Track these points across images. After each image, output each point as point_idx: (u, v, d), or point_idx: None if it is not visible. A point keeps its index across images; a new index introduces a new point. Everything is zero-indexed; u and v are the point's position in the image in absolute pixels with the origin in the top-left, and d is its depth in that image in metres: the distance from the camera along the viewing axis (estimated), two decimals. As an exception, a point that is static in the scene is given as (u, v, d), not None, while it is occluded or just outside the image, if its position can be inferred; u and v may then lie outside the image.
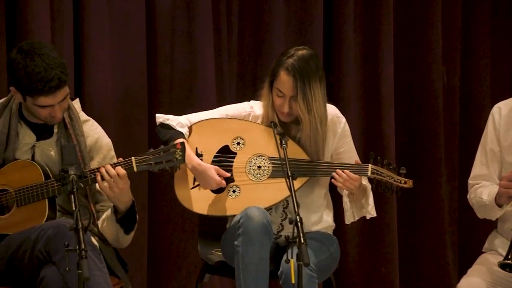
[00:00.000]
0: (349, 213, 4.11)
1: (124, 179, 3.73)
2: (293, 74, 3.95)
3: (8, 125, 3.86)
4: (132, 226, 3.87)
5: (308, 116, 3.99)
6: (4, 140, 3.84)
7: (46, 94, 3.72)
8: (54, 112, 3.79)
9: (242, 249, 3.85)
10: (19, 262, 3.65)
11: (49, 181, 3.77)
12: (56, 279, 3.55)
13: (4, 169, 3.82)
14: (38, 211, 3.77)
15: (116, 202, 3.79)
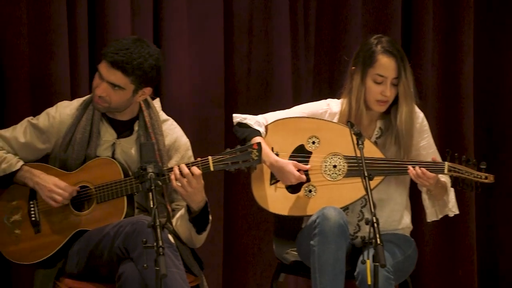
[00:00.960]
0: (430, 211, 4.08)
1: (197, 178, 3.75)
2: (394, 55, 3.96)
3: (91, 122, 3.92)
4: (204, 226, 3.89)
5: (404, 102, 3.97)
6: (87, 137, 3.90)
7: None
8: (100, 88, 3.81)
9: (318, 249, 3.84)
10: (98, 258, 3.71)
11: (128, 179, 3.82)
12: (134, 275, 3.59)
13: (86, 166, 3.88)
14: (117, 208, 3.82)
15: (189, 201, 3.81)
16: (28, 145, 3.92)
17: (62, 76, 4.55)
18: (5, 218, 3.90)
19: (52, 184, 3.82)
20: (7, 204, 3.90)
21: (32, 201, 3.88)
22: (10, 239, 3.88)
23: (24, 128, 3.94)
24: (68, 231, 3.83)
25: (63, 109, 3.98)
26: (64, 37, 4.53)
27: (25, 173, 3.86)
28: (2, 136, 3.93)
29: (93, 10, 4.68)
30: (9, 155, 3.88)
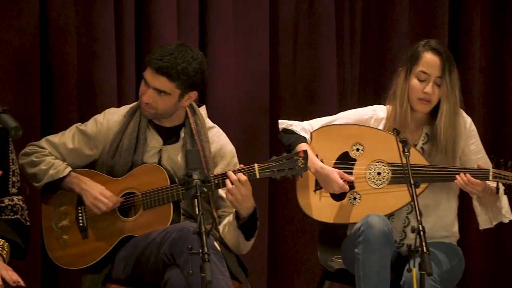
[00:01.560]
0: (483, 218, 4.04)
1: (246, 185, 3.76)
2: (439, 53, 3.96)
3: (138, 129, 3.95)
4: (252, 232, 3.90)
5: (446, 104, 3.95)
6: (134, 143, 3.93)
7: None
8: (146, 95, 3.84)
9: (363, 257, 3.82)
10: (144, 264, 3.73)
11: (174, 185, 3.84)
12: (180, 281, 3.60)
13: (132, 172, 3.91)
14: (163, 215, 3.84)
15: (238, 208, 3.82)
16: (76, 151, 3.96)
17: (109, 83, 4.60)
18: (53, 223, 3.94)
19: (98, 192, 3.85)
20: (55, 209, 3.95)
21: (80, 207, 3.92)
22: (58, 244, 3.92)
23: (73, 134, 3.98)
24: (115, 237, 3.86)
25: (110, 116, 4.01)
26: (111, 45, 4.58)
27: (73, 179, 3.90)
28: (51, 142, 3.97)
29: (140, 18, 4.72)
30: (57, 161, 3.93)
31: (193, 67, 3.84)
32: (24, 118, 4.38)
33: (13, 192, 3.55)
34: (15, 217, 3.52)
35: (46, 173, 3.88)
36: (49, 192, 3.96)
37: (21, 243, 3.50)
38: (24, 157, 3.92)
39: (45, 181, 3.88)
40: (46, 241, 3.94)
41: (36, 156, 3.91)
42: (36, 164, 3.90)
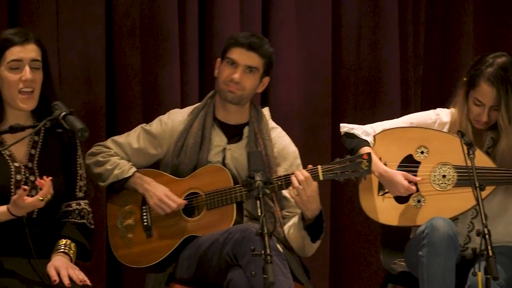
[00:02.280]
0: None
1: (312, 186, 3.75)
2: (496, 85, 3.87)
3: (203, 127, 3.98)
4: (318, 234, 3.89)
5: (509, 126, 3.90)
6: (199, 142, 3.96)
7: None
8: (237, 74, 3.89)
9: (427, 260, 3.79)
10: (207, 263, 3.75)
11: (237, 186, 3.86)
12: (243, 282, 3.61)
13: (196, 172, 3.94)
14: (226, 215, 3.85)
15: (304, 209, 3.81)
16: (141, 150, 4.00)
17: (172, 84, 4.64)
18: (118, 222, 3.98)
19: (163, 194, 3.88)
20: (120, 208, 3.99)
21: (144, 207, 3.96)
22: (123, 242, 3.96)
23: (138, 134, 4.02)
24: (179, 237, 3.89)
25: (175, 116, 4.05)
26: (175, 47, 4.62)
27: (137, 180, 3.94)
28: (117, 142, 4.02)
29: (203, 21, 4.75)
30: (122, 161, 3.97)
31: (272, 50, 3.99)
32: (90, 120, 4.45)
33: (79, 196, 3.60)
34: (81, 221, 3.57)
35: (112, 173, 3.93)
36: (114, 191, 4.00)
37: (87, 244, 3.55)
38: (90, 157, 3.97)
39: (110, 181, 3.93)
40: (111, 239, 3.99)
41: (102, 156, 3.96)
42: (101, 164, 3.95)
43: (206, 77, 4.74)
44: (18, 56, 3.40)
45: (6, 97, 3.44)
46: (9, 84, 3.41)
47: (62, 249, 3.46)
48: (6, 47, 3.40)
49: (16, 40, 3.41)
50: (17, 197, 3.27)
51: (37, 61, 3.44)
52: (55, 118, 3.32)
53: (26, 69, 3.40)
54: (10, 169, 3.43)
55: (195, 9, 4.69)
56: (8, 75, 3.41)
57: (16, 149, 3.46)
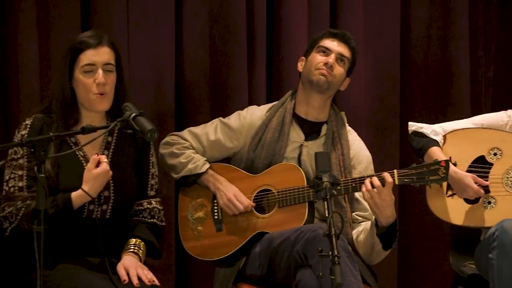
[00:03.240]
0: None
1: (387, 190, 3.73)
2: None
3: (282, 123, 3.99)
4: (391, 243, 3.85)
5: None
6: (276, 137, 3.97)
7: None
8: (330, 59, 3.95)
9: (497, 263, 3.73)
10: (277, 261, 3.74)
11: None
12: (312, 282, 3.60)
13: (270, 170, 3.94)
14: (297, 214, 3.85)
15: (378, 215, 3.77)
16: (218, 142, 4.02)
17: (240, 86, 4.66)
18: (189, 214, 4.01)
19: (232, 194, 3.90)
20: (192, 201, 4.02)
21: (215, 200, 3.98)
22: (193, 234, 3.99)
23: (215, 126, 4.05)
24: (249, 232, 3.90)
25: (253, 111, 4.08)
26: (243, 48, 4.63)
27: (209, 177, 3.96)
28: (193, 133, 4.05)
29: (271, 22, 4.76)
30: (197, 156, 3.99)
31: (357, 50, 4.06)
32: (159, 121, 4.49)
33: (151, 194, 3.64)
34: (152, 220, 3.60)
35: (185, 166, 3.95)
36: (185, 184, 4.02)
37: (156, 243, 3.58)
38: (166, 146, 4.01)
39: (182, 174, 3.96)
40: (181, 231, 4.01)
41: (177, 148, 3.99)
42: (176, 156, 3.98)
43: (274, 78, 4.75)
44: (91, 59, 3.45)
45: (81, 99, 3.49)
46: (84, 87, 3.46)
47: (131, 249, 3.50)
48: (80, 51, 3.45)
49: (90, 43, 3.46)
50: (87, 171, 3.33)
51: (110, 64, 3.48)
52: (125, 119, 3.36)
53: (99, 72, 3.45)
54: (83, 170, 3.48)
55: (263, 11, 4.70)
56: (83, 78, 3.46)
57: (89, 150, 3.51)
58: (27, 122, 3.47)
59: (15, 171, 3.41)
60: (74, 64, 3.46)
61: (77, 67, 3.46)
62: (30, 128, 3.45)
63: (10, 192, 3.39)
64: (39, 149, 3.09)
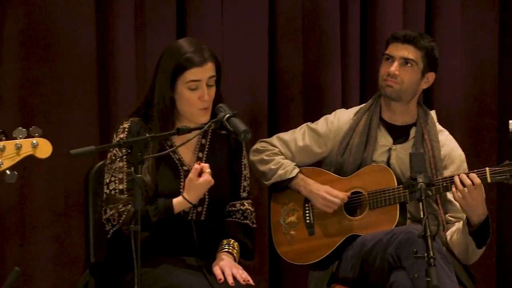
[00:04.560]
0: None
1: (478, 189, 3.67)
2: None
3: (368, 127, 3.97)
4: (484, 241, 3.79)
5: None
6: (364, 141, 3.96)
7: None
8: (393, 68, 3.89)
9: None
10: (370, 263, 3.73)
11: (400, 187, 3.82)
12: (406, 284, 3.57)
13: (359, 172, 3.93)
14: (389, 216, 3.82)
15: (469, 214, 3.72)
16: (306, 148, 4.03)
17: (333, 86, 4.65)
18: (281, 219, 4.03)
19: (324, 192, 3.90)
20: (283, 206, 4.04)
21: (307, 204, 3.99)
22: (286, 239, 4.00)
23: (303, 132, 4.05)
24: (341, 235, 3.89)
25: (341, 115, 4.06)
26: (336, 47, 4.63)
27: (300, 181, 3.97)
28: (282, 139, 4.07)
29: (365, 23, 4.74)
30: (286, 161, 4.01)
31: (433, 45, 3.94)
32: (253, 121, 4.52)
33: (243, 196, 3.66)
34: (244, 221, 3.63)
35: (275, 172, 3.98)
36: (277, 190, 4.04)
37: (250, 244, 3.60)
38: (255, 153, 4.03)
39: (273, 181, 3.98)
40: (274, 236, 4.03)
41: (267, 155, 4.02)
42: (266, 163, 4.00)
43: (368, 78, 4.73)
44: (197, 77, 3.46)
45: (182, 111, 3.51)
46: (188, 102, 3.48)
47: (226, 249, 3.53)
48: (186, 68, 3.46)
49: (195, 61, 3.45)
50: (189, 179, 3.37)
51: (213, 77, 3.51)
52: (219, 120, 3.38)
53: (204, 89, 3.46)
54: (179, 173, 3.53)
55: (357, 10, 4.69)
56: (187, 94, 3.48)
57: (184, 153, 3.55)
58: (125, 126, 3.53)
59: (115, 174, 3.47)
60: (178, 79, 3.48)
61: (182, 82, 3.47)
62: (128, 132, 3.51)
63: (111, 195, 3.45)
64: (136, 150, 3.15)
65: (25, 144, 3.19)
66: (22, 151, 3.20)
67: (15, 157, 3.19)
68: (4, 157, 3.19)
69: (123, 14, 4.35)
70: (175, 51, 3.48)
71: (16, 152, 3.19)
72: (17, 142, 3.19)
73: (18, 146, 3.18)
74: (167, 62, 3.48)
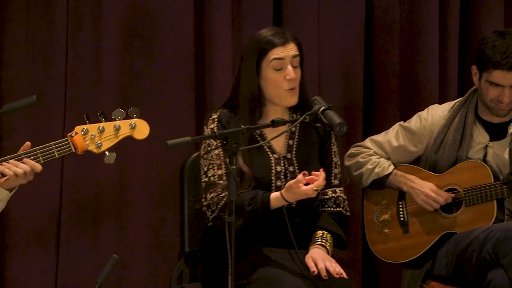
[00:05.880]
0: None
1: None
2: None
3: (463, 124, 3.91)
4: None
5: None
6: (459, 138, 3.89)
7: (502, 68, 3.69)
8: (502, 95, 3.74)
9: None
10: (466, 261, 3.67)
11: (498, 183, 3.75)
12: (504, 283, 3.51)
13: (454, 168, 3.87)
14: (486, 213, 3.75)
15: None
16: (401, 148, 3.99)
17: (430, 80, 4.59)
18: (375, 217, 4.00)
19: (428, 189, 3.85)
20: (377, 204, 4.01)
21: (400, 202, 3.95)
22: (380, 237, 3.97)
23: (396, 132, 4.01)
24: (436, 233, 3.84)
25: (435, 111, 4.00)
26: (434, 41, 4.56)
27: (399, 178, 3.93)
28: (375, 141, 4.03)
29: (465, 16, 4.66)
30: (382, 160, 3.98)
31: None
32: (348, 114, 4.50)
33: (335, 183, 3.65)
34: (337, 209, 3.61)
35: (372, 171, 3.94)
36: (370, 187, 4.01)
37: (343, 235, 3.59)
38: (350, 158, 4.01)
39: (371, 180, 3.95)
40: (368, 234, 4.01)
41: (362, 157, 3.99)
42: (362, 165, 3.97)
43: (466, 73, 4.64)
44: (280, 56, 3.49)
45: (270, 95, 3.54)
46: (274, 83, 3.51)
47: (319, 242, 3.52)
48: (268, 49, 3.50)
49: (276, 41, 3.50)
50: (294, 182, 3.36)
51: (297, 57, 3.52)
52: (314, 112, 3.38)
53: (289, 68, 3.50)
54: (270, 161, 3.54)
55: (457, 2, 4.60)
56: (273, 75, 3.51)
57: (275, 141, 3.56)
58: (214, 116, 3.56)
59: (213, 161, 3.51)
60: (262, 63, 3.51)
61: (266, 64, 3.51)
62: (217, 122, 3.54)
63: (210, 182, 3.48)
64: (231, 141, 3.17)
65: (124, 125, 3.25)
66: (121, 133, 3.26)
67: (113, 139, 3.26)
68: (103, 138, 3.25)
69: (220, 5, 4.39)
70: (256, 38, 3.54)
71: (114, 134, 3.25)
72: (116, 124, 3.25)
73: (117, 128, 3.24)
74: (249, 49, 3.53)
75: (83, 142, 3.24)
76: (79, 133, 3.24)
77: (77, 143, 3.24)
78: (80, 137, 3.24)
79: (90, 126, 3.24)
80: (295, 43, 3.53)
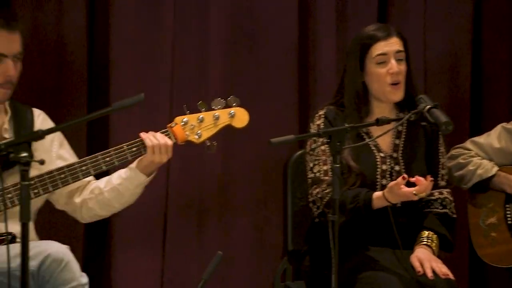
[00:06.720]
0: None
1: None
2: None
3: None
4: None
5: None
6: None
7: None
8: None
9: None
10: None
11: None
12: None
13: None
14: None
15: None
16: (503, 150, 3.91)
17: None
18: (480, 220, 3.92)
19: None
20: (482, 207, 3.93)
21: (508, 205, 3.86)
22: (486, 241, 3.90)
23: (498, 134, 3.93)
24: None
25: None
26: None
27: (503, 179, 3.85)
28: (476, 143, 3.96)
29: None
30: (484, 161, 3.90)
31: None
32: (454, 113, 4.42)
33: (442, 185, 3.60)
34: (443, 210, 3.56)
35: (474, 173, 3.87)
36: (477, 191, 3.94)
37: (449, 236, 3.53)
38: (450, 160, 3.95)
39: (473, 181, 3.88)
40: (473, 238, 3.93)
41: (463, 158, 3.92)
42: (463, 166, 3.91)
43: None
44: (383, 50, 3.48)
45: (375, 91, 3.53)
46: (378, 78, 3.49)
47: (424, 242, 3.48)
48: (371, 44, 3.50)
49: (379, 35, 3.49)
50: (395, 184, 3.33)
51: (401, 52, 3.49)
52: (420, 111, 3.35)
53: (392, 62, 3.47)
54: (376, 159, 3.52)
55: None
56: (376, 70, 3.49)
57: (381, 139, 3.54)
58: (320, 113, 3.57)
59: (318, 157, 3.51)
60: (365, 58, 3.50)
61: (369, 60, 3.50)
62: (324, 118, 3.54)
63: (316, 177, 3.49)
64: (335, 139, 3.16)
65: (223, 114, 3.29)
66: (220, 122, 3.30)
67: (212, 128, 3.30)
68: (202, 128, 3.30)
69: (325, 4, 4.38)
70: (359, 35, 3.54)
71: (214, 123, 3.30)
72: (215, 113, 3.29)
73: (216, 117, 3.28)
74: (353, 46, 3.53)
75: (182, 132, 3.29)
76: (179, 123, 3.29)
77: (177, 134, 3.29)
78: (179, 127, 3.29)
79: (190, 116, 3.29)
80: (399, 38, 3.50)
